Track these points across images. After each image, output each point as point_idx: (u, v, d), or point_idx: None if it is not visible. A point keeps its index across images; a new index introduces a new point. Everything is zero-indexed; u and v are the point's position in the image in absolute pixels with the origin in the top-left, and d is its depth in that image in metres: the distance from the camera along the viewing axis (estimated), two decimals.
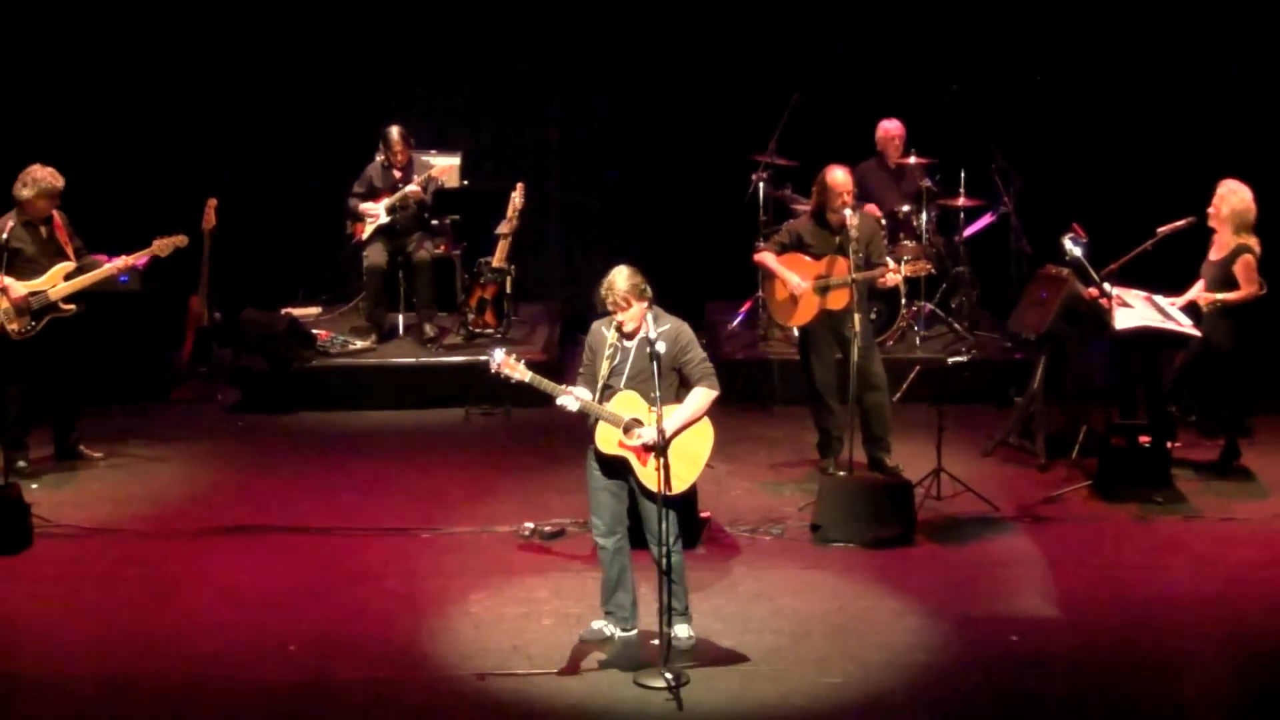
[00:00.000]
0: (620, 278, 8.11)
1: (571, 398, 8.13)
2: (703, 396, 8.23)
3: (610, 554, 8.31)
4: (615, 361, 8.16)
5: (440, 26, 14.76)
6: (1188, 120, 14.08)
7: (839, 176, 10.62)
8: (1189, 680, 8.28)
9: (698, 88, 14.60)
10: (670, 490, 8.04)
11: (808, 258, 10.74)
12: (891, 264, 10.72)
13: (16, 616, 8.95)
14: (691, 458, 8.26)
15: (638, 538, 8.42)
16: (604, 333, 8.25)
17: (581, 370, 8.35)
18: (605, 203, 14.87)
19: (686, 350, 8.23)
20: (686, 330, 8.31)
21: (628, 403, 8.14)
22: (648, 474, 8.17)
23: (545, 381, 8.20)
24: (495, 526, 10.13)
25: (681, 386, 8.26)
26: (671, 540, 8.17)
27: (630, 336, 8.16)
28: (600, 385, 8.18)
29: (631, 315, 8.11)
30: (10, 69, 14.05)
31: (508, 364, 8.22)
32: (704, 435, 8.30)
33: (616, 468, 8.19)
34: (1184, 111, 14.13)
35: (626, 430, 8.10)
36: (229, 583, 9.33)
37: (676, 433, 8.16)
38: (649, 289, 8.16)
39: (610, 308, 8.12)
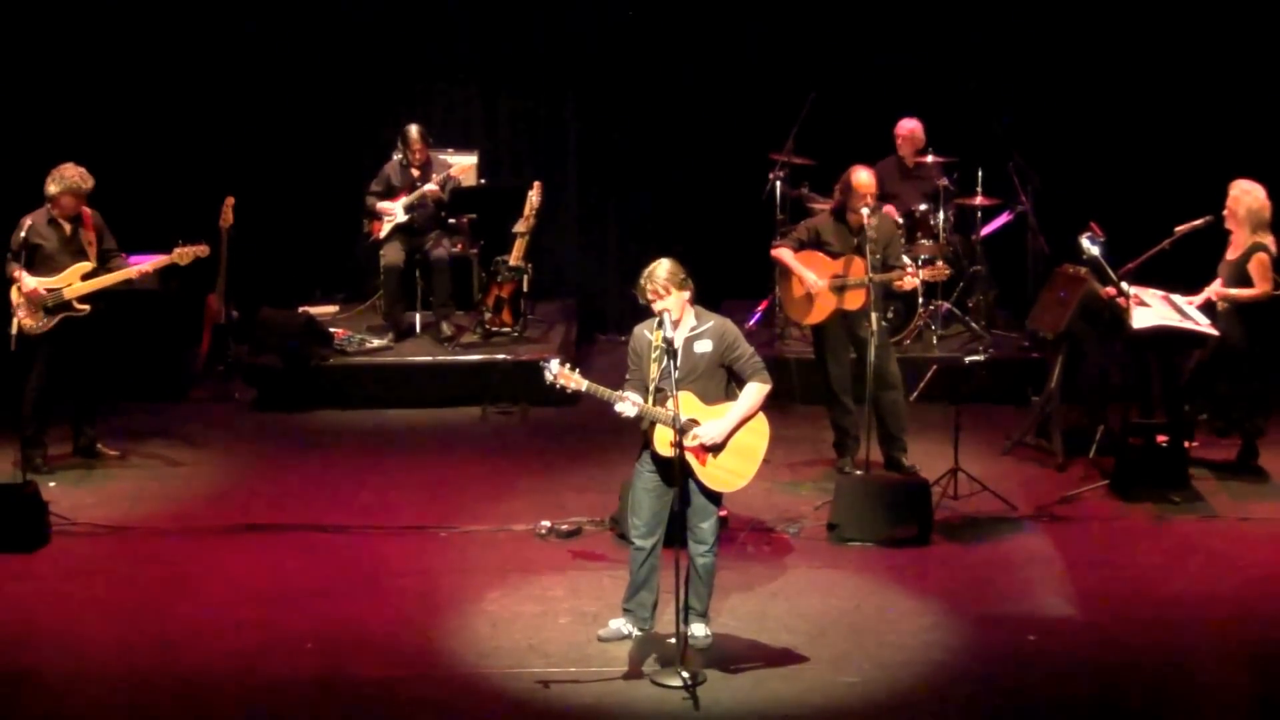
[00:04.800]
0: (661, 267, 8.14)
1: (629, 403, 8.10)
2: (756, 392, 8.24)
3: (645, 554, 8.31)
4: (663, 363, 8.15)
5: (458, 24, 14.77)
6: (1205, 119, 14.04)
7: (863, 178, 10.61)
8: (1206, 680, 8.26)
9: (714, 86, 14.59)
10: (730, 488, 8.26)
11: (825, 256, 10.74)
12: (910, 267, 10.70)
13: (35, 614, 8.97)
14: (749, 453, 8.28)
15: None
16: (646, 335, 8.24)
17: (628, 376, 8.30)
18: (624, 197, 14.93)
19: (734, 347, 8.25)
20: (731, 327, 8.33)
21: (684, 404, 8.08)
22: (707, 473, 8.20)
23: (601, 388, 8.18)
24: (512, 525, 10.14)
25: (732, 384, 8.30)
26: (712, 542, 8.27)
27: (677, 324, 8.15)
28: (652, 388, 8.17)
29: (670, 304, 8.10)
30: (35, 71, 14.08)
31: (564, 375, 8.20)
32: (760, 431, 8.31)
33: (672, 471, 8.14)
34: (1201, 110, 14.09)
35: (683, 431, 8.08)
36: (246, 581, 9.35)
37: (733, 430, 8.19)
38: (690, 283, 8.18)
39: (649, 295, 8.11)
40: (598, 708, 7.79)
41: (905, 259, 10.89)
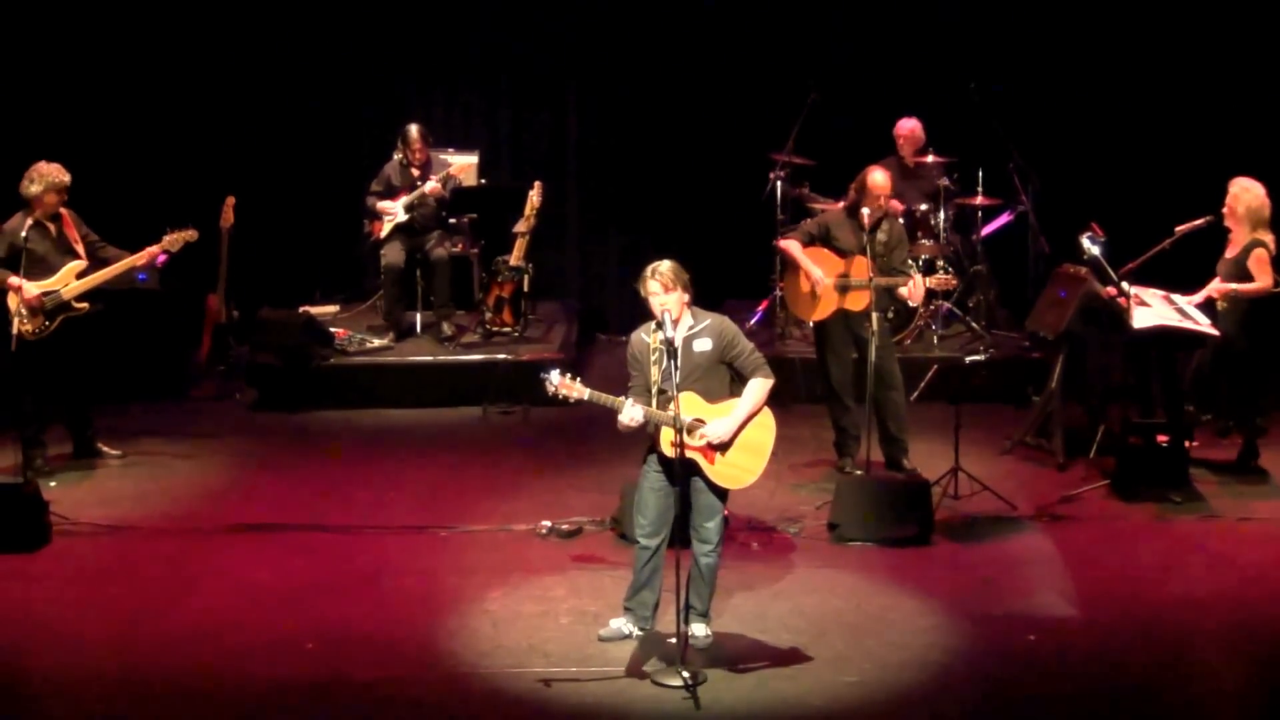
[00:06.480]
0: (665, 264, 8.14)
1: (636, 409, 8.09)
2: (760, 387, 8.24)
3: (649, 554, 8.30)
4: (664, 365, 8.14)
5: (458, 24, 14.77)
6: (1205, 119, 14.04)
7: (879, 179, 10.61)
8: (1206, 680, 8.26)
9: (715, 86, 14.59)
10: (741, 485, 8.27)
11: (833, 254, 10.72)
12: (916, 276, 10.65)
13: (35, 614, 8.97)
14: (757, 449, 8.29)
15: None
16: (644, 339, 8.23)
17: (631, 384, 8.26)
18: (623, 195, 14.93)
19: (734, 344, 8.25)
20: (729, 324, 8.32)
21: (688, 404, 8.10)
22: (717, 471, 8.20)
23: (604, 396, 8.16)
24: (513, 525, 10.14)
25: (734, 381, 8.30)
26: (716, 541, 8.27)
27: (675, 323, 8.14)
28: (655, 391, 8.16)
29: (672, 301, 8.10)
30: (31, 70, 14.07)
31: (565, 384, 8.18)
32: (766, 425, 8.32)
33: (679, 472, 8.14)
34: (1201, 110, 14.10)
35: (690, 431, 8.07)
36: (247, 580, 9.35)
37: (740, 427, 8.20)
38: (690, 286, 8.18)
39: (653, 286, 8.08)
40: (598, 708, 7.79)
41: (912, 265, 10.86)
